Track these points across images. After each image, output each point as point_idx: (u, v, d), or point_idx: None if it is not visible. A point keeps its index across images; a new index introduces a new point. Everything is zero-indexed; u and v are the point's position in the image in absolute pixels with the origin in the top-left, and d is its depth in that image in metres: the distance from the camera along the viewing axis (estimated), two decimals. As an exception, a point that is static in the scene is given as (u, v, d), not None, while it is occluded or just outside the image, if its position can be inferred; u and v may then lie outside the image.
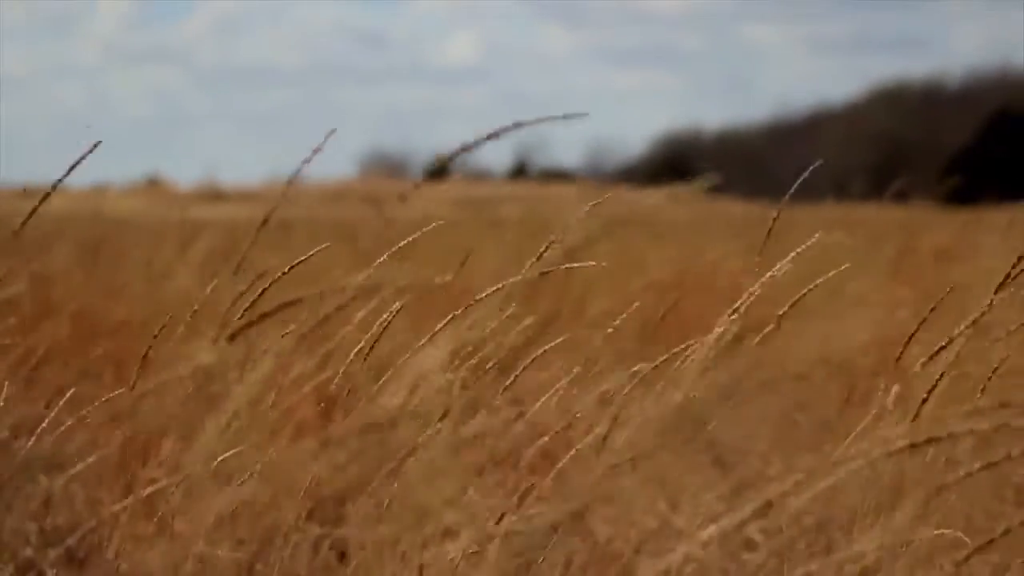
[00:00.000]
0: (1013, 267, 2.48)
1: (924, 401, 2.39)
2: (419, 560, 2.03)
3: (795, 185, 2.80)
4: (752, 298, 2.49)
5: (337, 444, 1.86)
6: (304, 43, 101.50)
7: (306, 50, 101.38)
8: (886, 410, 2.48)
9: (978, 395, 2.46)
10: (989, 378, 2.45)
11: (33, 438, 3.12)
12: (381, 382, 2.42)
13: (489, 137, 2.14)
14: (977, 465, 2.07)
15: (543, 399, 2.54)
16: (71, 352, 3.36)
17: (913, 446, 1.85)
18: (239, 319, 2.40)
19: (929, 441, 1.89)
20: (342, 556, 2.66)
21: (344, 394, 2.59)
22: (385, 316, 2.52)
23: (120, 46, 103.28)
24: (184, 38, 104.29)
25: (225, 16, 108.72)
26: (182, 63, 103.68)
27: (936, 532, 2.20)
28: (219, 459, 2.49)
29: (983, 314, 2.47)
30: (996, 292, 2.59)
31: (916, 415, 2.39)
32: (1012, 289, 2.56)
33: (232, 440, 2.36)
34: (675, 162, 53.40)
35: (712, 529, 1.84)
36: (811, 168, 2.81)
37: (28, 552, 2.88)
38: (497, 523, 2.15)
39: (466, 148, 2.14)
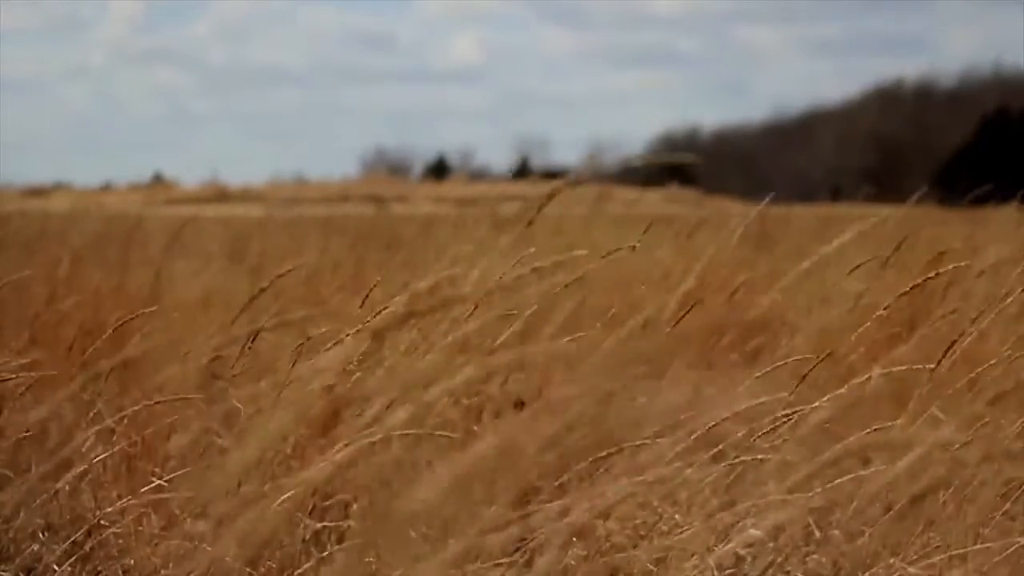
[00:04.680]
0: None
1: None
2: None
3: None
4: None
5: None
6: (309, 45, 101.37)
7: (310, 52, 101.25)
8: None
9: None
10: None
11: (41, 435, 3.15)
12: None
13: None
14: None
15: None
16: (79, 352, 3.39)
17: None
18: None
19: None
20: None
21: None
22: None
23: (128, 48, 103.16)
24: (191, 40, 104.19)
25: (231, 18, 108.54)
26: (189, 65, 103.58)
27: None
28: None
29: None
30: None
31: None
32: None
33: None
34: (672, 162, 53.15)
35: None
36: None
37: (35, 548, 2.91)
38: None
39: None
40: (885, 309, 2.77)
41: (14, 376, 2.86)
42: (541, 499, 2.52)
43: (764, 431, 2.51)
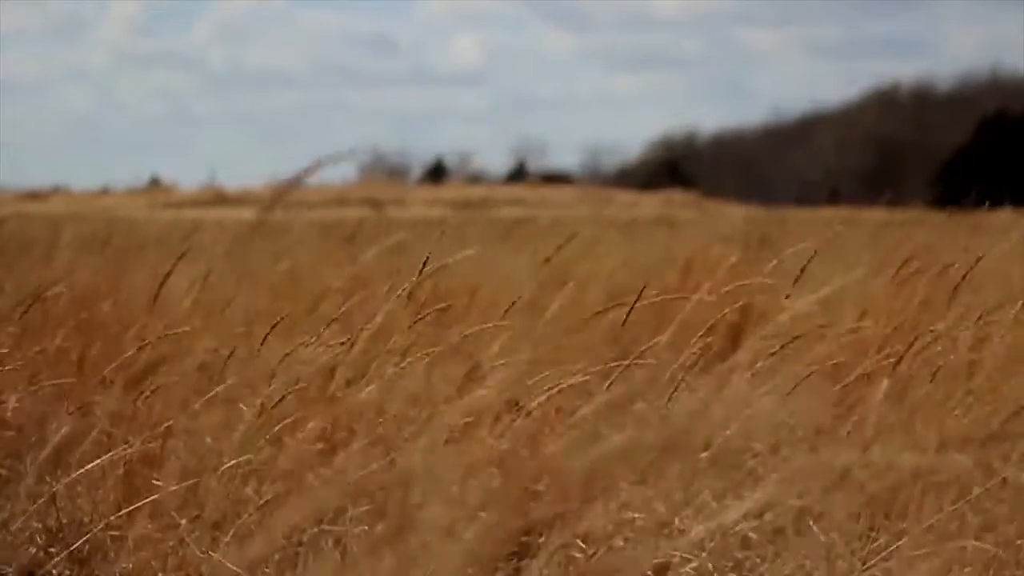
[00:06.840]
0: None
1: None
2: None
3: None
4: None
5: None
6: (308, 47, 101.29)
7: (310, 54, 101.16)
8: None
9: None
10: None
11: (38, 439, 3.15)
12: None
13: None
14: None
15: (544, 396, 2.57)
16: (77, 354, 3.39)
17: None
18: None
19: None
20: (343, 555, 2.68)
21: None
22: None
23: (129, 51, 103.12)
24: (192, 43, 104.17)
25: (231, 20, 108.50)
26: (189, 67, 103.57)
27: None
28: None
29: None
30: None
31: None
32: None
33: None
34: (671, 165, 53.35)
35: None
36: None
37: (33, 551, 2.91)
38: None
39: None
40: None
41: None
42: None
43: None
